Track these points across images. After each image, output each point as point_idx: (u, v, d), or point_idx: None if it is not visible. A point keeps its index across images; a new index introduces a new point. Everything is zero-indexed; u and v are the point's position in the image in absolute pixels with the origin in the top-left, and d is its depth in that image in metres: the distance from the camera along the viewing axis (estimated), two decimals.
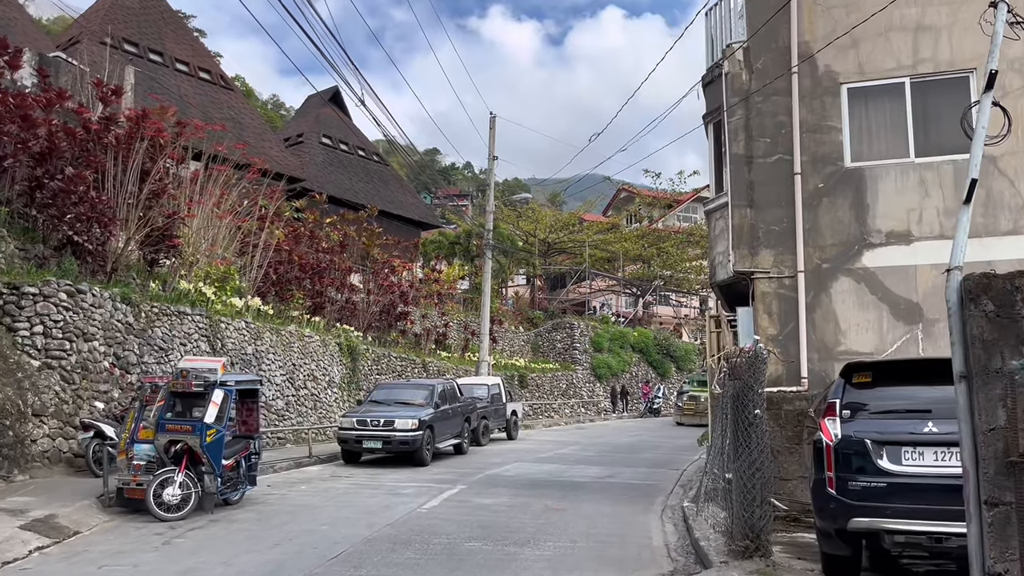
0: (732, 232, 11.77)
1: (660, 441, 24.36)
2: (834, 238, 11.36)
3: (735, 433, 8.15)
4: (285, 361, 19.46)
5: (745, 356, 8.13)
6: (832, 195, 11.46)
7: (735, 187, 11.86)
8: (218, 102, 29.75)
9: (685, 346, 47.95)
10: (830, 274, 11.33)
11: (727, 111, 12.04)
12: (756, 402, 7.75)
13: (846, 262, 11.27)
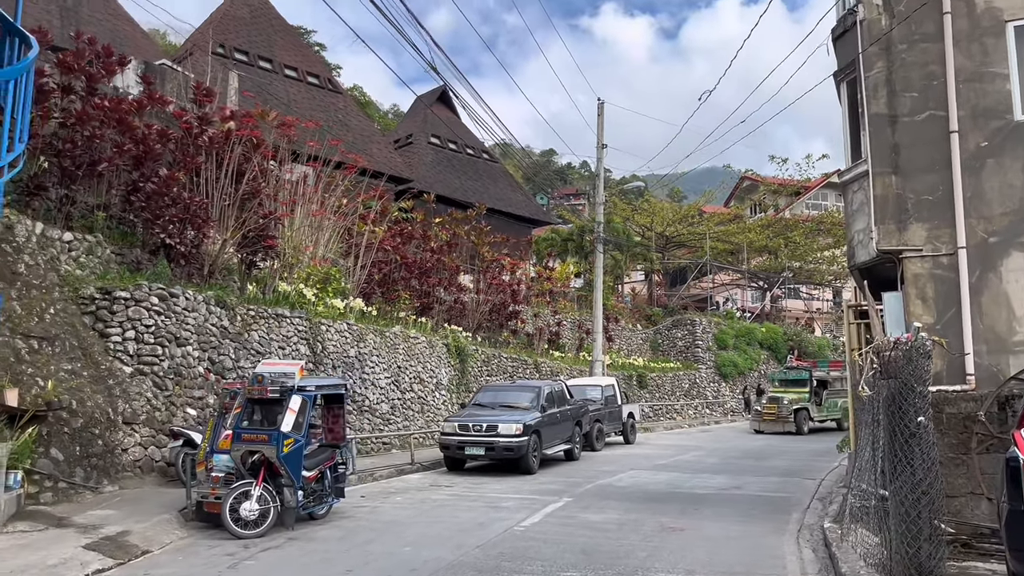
0: (874, 205, 10.05)
1: (790, 445, 22.33)
2: (1004, 206, 9.46)
3: (892, 445, 6.59)
4: (390, 363, 18.84)
5: (901, 349, 6.54)
6: (999, 155, 9.56)
7: (876, 152, 10.12)
8: (325, 105, 29.77)
9: (819, 342, 44.83)
10: (1000, 249, 9.43)
11: (863, 65, 10.31)
12: (919, 407, 6.20)
13: (1021, 234, 9.35)
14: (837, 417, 27.25)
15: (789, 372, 28.34)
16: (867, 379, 10.65)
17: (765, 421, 26.64)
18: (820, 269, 49.07)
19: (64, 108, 13.84)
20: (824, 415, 27.43)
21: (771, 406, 26.79)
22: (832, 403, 27.48)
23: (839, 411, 26.93)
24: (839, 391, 26.68)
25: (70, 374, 11.02)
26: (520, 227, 36.52)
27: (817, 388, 27.33)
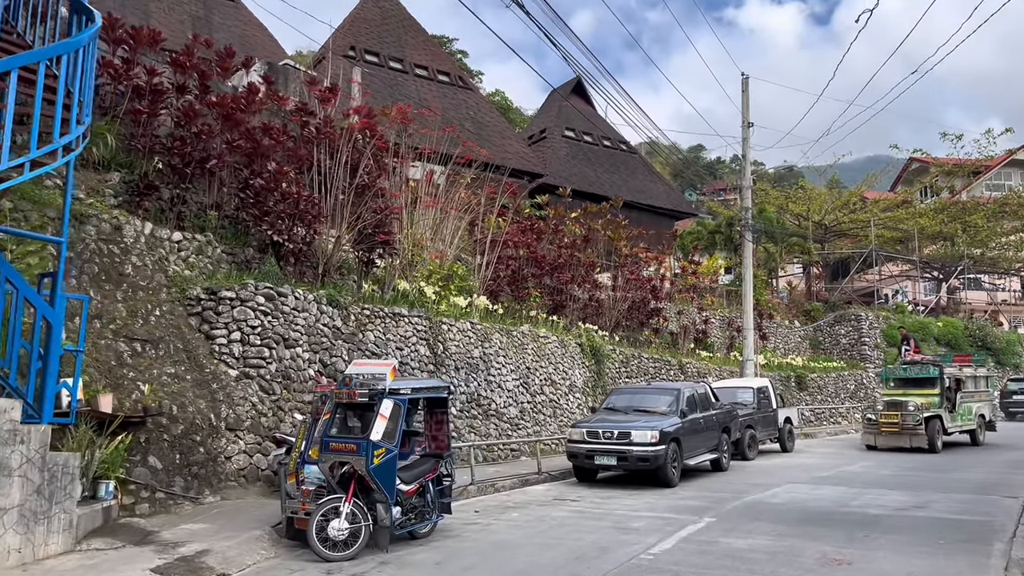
0: None
1: (978, 454, 19.33)
2: None
3: None
4: (518, 364, 17.72)
5: None
6: None
7: None
8: (457, 102, 29.21)
9: (1007, 336, 39.93)
10: None
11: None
12: None
13: None
14: (971, 428, 21.39)
15: (910, 369, 21.39)
16: None
17: (883, 434, 19.95)
18: (1006, 256, 43.81)
19: (178, 108, 13.66)
20: (957, 424, 20.63)
21: (891, 414, 19.83)
22: (966, 409, 21.20)
23: (974, 419, 21.44)
24: (973, 393, 21.76)
25: (172, 378, 10.56)
26: (662, 220, 34.60)
27: (949, 390, 20.60)
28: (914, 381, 20.66)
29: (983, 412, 21.90)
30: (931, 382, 20.36)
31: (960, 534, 9.47)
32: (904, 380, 21.07)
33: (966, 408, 21.05)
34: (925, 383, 20.44)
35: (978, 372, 22.60)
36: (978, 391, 22.04)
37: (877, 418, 20.20)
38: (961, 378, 21.03)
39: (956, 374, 21.02)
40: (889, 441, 19.73)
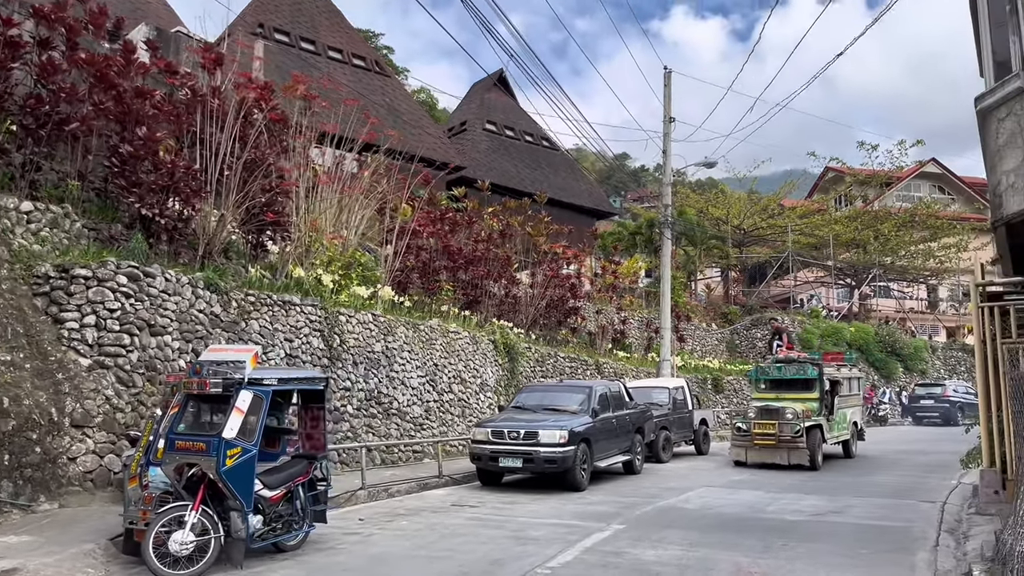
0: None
1: (895, 457, 19.14)
2: None
3: None
4: (424, 360, 16.60)
5: None
6: None
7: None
8: (372, 88, 27.90)
9: (915, 342, 40.79)
10: None
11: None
12: None
13: None
14: (846, 438, 18.38)
15: (785, 368, 17.42)
16: None
17: (756, 447, 16.24)
18: (914, 265, 44.88)
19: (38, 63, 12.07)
20: (834, 435, 17.45)
21: (766, 423, 16.05)
22: (842, 416, 17.98)
23: (848, 427, 18.42)
24: (847, 397, 18.70)
25: (7, 366, 9.08)
26: (583, 219, 33.98)
27: (828, 393, 17.13)
28: (789, 383, 17.12)
29: (856, 419, 19.20)
30: (808, 384, 16.90)
31: (881, 543, 8.82)
32: (778, 382, 17.37)
33: (841, 415, 17.97)
34: (802, 385, 16.99)
35: (852, 373, 19.80)
36: (851, 395, 19.19)
37: (749, 428, 16.33)
38: (838, 380, 17.84)
39: (833, 375, 17.72)
40: (763, 456, 16.12)
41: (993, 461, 11.08)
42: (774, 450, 15.98)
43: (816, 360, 17.74)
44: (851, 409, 18.88)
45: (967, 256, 43.08)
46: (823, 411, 16.72)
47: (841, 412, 17.87)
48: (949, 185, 53.42)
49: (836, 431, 17.49)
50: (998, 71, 8.17)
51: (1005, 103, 7.87)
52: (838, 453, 18.54)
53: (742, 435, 16.59)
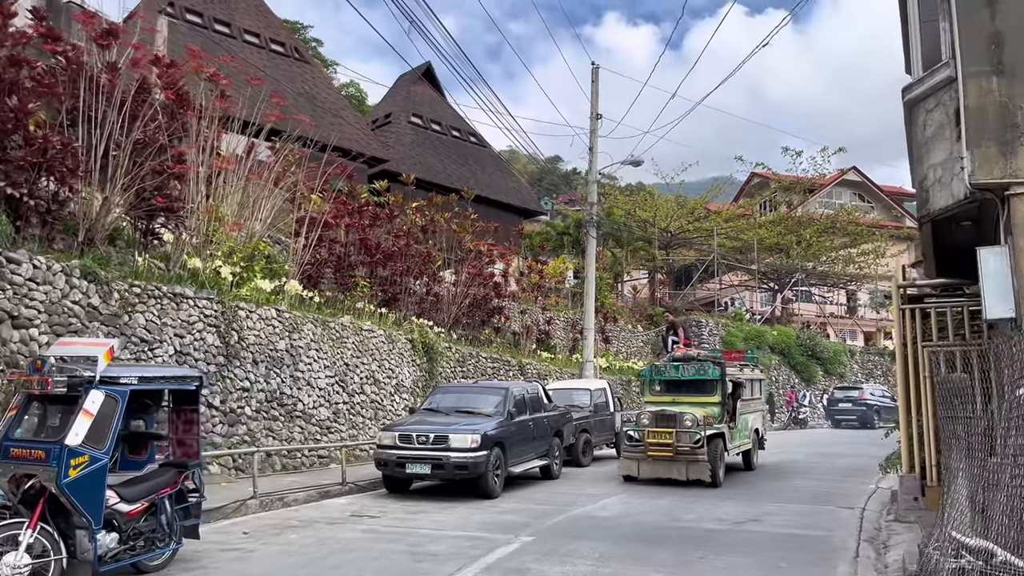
0: (966, 120, 6.87)
1: (813, 460, 19.04)
2: None
3: None
4: (334, 360, 15.69)
5: None
6: None
7: (968, 45, 6.95)
8: (291, 75, 26.73)
9: (834, 346, 41.51)
10: None
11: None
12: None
13: None
14: (748, 447, 16.21)
15: (684, 367, 15.12)
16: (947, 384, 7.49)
17: (650, 459, 13.78)
18: (835, 270, 45.77)
19: None
20: (736, 444, 15.17)
21: (663, 431, 13.60)
22: (744, 422, 15.86)
23: (749, 435, 16.36)
24: (750, 401, 16.61)
25: None
26: (510, 217, 33.39)
27: (730, 397, 14.95)
28: (687, 385, 14.90)
29: (757, 426, 17.13)
30: (709, 386, 14.69)
31: (801, 553, 8.37)
32: (675, 383, 15.08)
33: (744, 421, 15.81)
34: (701, 387, 14.75)
35: (754, 374, 17.66)
36: (753, 399, 17.15)
37: (642, 436, 13.82)
38: (740, 382, 15.66)
39: (736, 376, 15.62)
40: (657, 470, 13.72)
41: (912, 466, 10.84)
42: (670, 463, 13.56)
43: (718, 359, 15.37)
44: (753, 415, 16.77)
45: (885, 262, 44.19)
46: (725, 417, 14.50)
47: (743, 418, 15.71)
48: (869, 193, 54.78)
49: (738, 440, 15.34)
50: (926, 60, 7.81)
51: (934, 93, 7.51)
52: (738, 465, 16.23)
53: (633, 445, 13.98)
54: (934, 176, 7.48)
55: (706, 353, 16.17)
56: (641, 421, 14.04)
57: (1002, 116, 6.74)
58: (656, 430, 13.67)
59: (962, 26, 6.99)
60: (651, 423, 13.75)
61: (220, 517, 9.66)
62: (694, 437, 13.37)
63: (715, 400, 14.46)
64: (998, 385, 7.73)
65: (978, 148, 6.78)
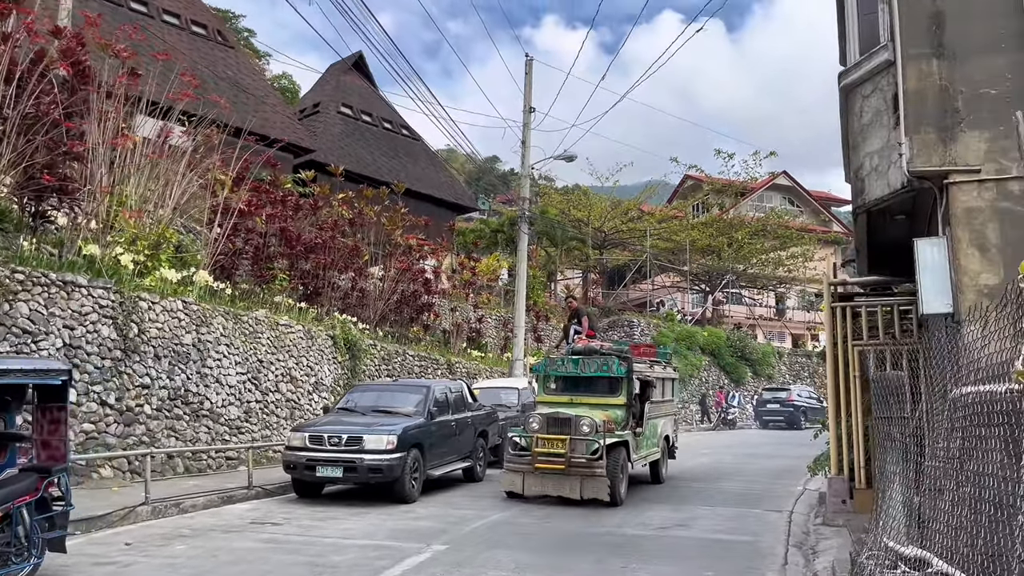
0: (905, 105, 6.53)
1: (742, 463, 18.90)
2: None
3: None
4: (247, 356, 14.78)
5: None
6: None
7: (908, 28, 6.62)
8: (212, 59, 25.49)
9: (763, 348, 42.01)
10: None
11: None
12: None
13: None
14: (656, 458, 13.81)
15: (584, 362, 12.76)
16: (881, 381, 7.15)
17: (538, 472, 11.39)
18: (765, 272, 46.40)
19: None
20: (642, 454, 12.89)
21: (554, 438, 11.31)
22: (652, 428, 13.57)
23: (658, 443, 14.00)
24: (660, 403, 14.31)
25: None
26: (443, 212, 32.66)
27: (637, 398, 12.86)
28: (587, 383, 12.66)
29: (668, 432, 14.76)
30: (613, 385, 12.43)
31: (728, 561, 7.96)
32: (573, 381, 12.74)
33: (652, 427, 13.49)
34: (603, 386, 12.51)
35: (666, 372, 15.22)
36: (664, 401, 14.80)
37: (529, 444, 11.36)
38: (650, 380, 13.49)
39: (645, 374, 13.35)
40: (546, 486, 11.25)
41: (841, 468, 10.60)
42: (562, 478, 11.09)
43: (624, 353, 13.03)
44: (663, 419, 14.44)
45: (813, 266, 45.01)
46: (630, 422, 12.25)
47: (652, 423, 13.41)
48: (798, 198, 55.81)
49: (645, 449, 13.02)
50: (863, 43, 7.47)
51: (871, 78, 7.17)
52: (644, 477, 13.98)
53: (519, 455, 11.47)
54: (870, 165, 7.13)
55: (611, 346, 13.95)
56: (530, 425, 11.58)
57: (942, 100, 6.41)
58: (547, 437, 11.26)
59: (902, 6, 6.65)
60: (541, 428, 11.41)
61: (104, 526, 8.78)
62: (591, 446, 11.05)
63: (619, 401, 12.19)
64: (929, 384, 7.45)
65: (917, 134, 6.44)
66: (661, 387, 14.42)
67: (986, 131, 6.25)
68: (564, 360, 13.03)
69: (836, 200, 61.25)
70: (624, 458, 11.60)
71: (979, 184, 6.21)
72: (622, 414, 12.14)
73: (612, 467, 11.07)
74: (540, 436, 11.33)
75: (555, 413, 11.67)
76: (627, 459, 11.79)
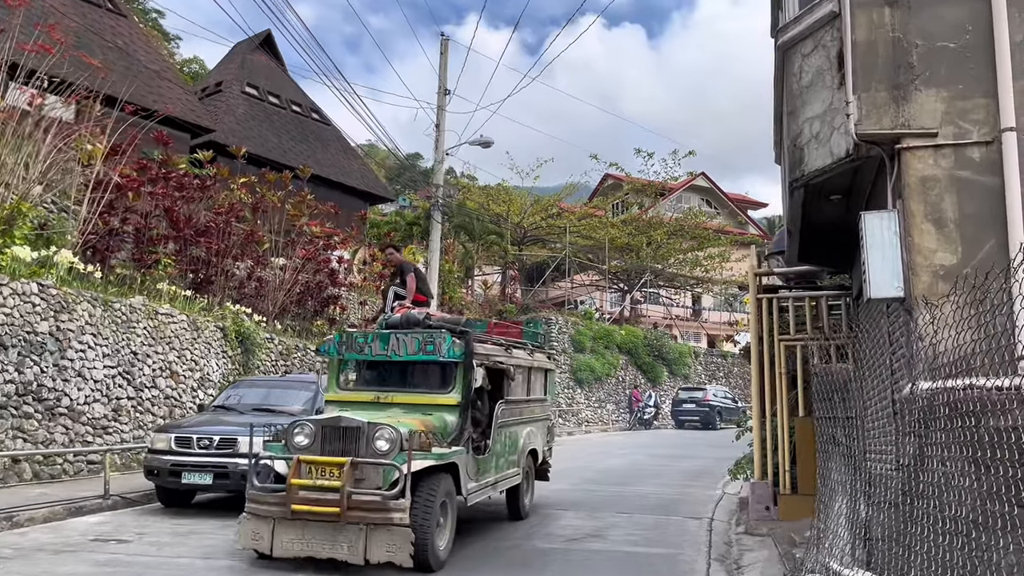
0: (853, 60, 5.69)
1: (660, 464, 18.19)
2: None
3: None
4: (117, 347, 13.18)
5: None
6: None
7: None
8: (101, 27, 23.39)
9: (679, 347, 41.91)
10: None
11: None
12: None
13: None
14: (515, 482, 9.63)
15: (399, 342, 8.51)
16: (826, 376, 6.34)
17: (298, 518, 6.80)
18: (682, 272, 46.43)
19: None
20: (487, 479, 8.67)
21: (328, 461, 6.92)
22: (510, 441, 9.52)
23: (520, 461, 9.79)
24: (523, 405, 10.17)
25: None
26: (355, 201, 31.14)
27: (480, 395, 8.75)
28: (405, 372, 8.89)
29: (535, 445, 10.49)
30: (445, 375, 8.57)
31: None
32: (383, 369, 8.98)
33: (508, 438, 9.40)
34: (428, 377, 8.76)
35: (537, 360, 10.84)
36: (532, 400, 10.54)
37: (287, 472, 7.06)
38: (505, 368, 9.22)
39: (498, 360, 9.05)
40: (310, 542, 6.86)
41: (765, 472, 9.86)
42: (333, 531, 6.78)
43: (461, 327, 8.78)
44: (528, 427, 10.19)
45: (729, 266, 45.29)
46: (467, 431, 8.12)
47: (508, 433, 9.32)
48: (716, 200, 56.31)
49: (495, 471, 8.87)
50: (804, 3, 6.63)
51: (812, 34, 6.33)
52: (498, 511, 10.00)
53: (267, 491, 7.17)
54: (810, 132, 6.29)
55: (444, 318, 9.53)
56: (293, 440, 7.19)
57: (895, 55, 5.60)
58: (316, 460, 6.94)
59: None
60: (310, 444, 7.11)
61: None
62: (389, 475, 6.88)
63: (451, 401, 8.19)
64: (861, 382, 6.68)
65: (866, 92, 5.61)
66: (526, 380, 10.19)
67: (943, 90, 5.46)
68: (368, 337, 8.64)
69: (753, 203, 62.24)
70: (447, 492, 7.35)
71: (935, 150, 5.41)
72: (453, 420, 8.01)
73: (422, 510, 6.81)
74: (306, 459, 6.91)
75: (334, 420, 7.20)
76: (456, 492, 7.65)
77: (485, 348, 8.82)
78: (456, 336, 8.40)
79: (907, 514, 4.79)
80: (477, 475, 8.27)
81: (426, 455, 7.10)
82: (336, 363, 8.93)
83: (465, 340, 8.31)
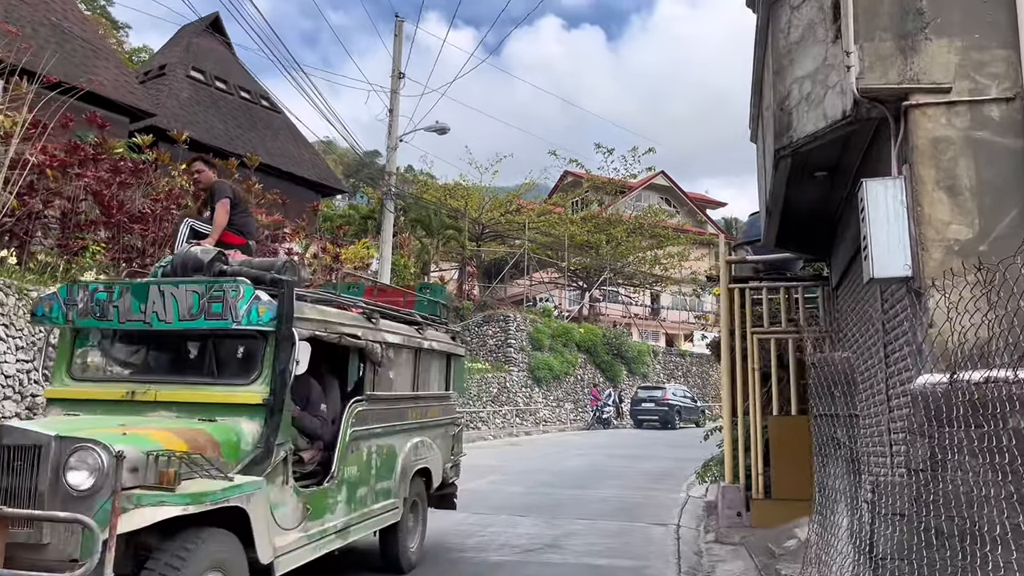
0: (855, 5, 4.97)
1: (620, 466, 17.48)
2: None
3: None
4: (33, 339, 12.02)
5: None
6: None
7: None
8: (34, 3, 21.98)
9: (638, 346, 41.49)
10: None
11: None
12: None
13: None
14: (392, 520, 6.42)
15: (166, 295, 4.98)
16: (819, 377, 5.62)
17: None
18: (641, 271, 46.07)
19: None
20: (334, 520, 5.44)
21: None
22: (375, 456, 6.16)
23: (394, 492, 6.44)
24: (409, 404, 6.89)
25: None
26: (304, 192, 29.95)
27: (307, 391, 5.68)
28: (176, 348, 5.49)
29: (426, 462, 7.20)
30: (239, 355, 5.20)
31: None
32: (143, 342, 5.51)
33: (376, 454, 6.23)
34: (215, 357, 5.18)
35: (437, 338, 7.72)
36: (421, 397, 7.27)
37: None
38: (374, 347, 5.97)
39: (346, 329, 5.72)
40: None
41: (736, 475, 9.17)
42: None
43: (276, 276, 5.29)
44: (416, 437, 7.04)
45: (688, 265, 45.05)
46: (278, 448, 4.92)
47: (374, 448, 6.21)
48: (675, 199, 56.16)
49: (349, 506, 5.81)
50: None
51: None
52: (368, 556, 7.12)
53: None
54: (799, 93, 5.57)
55: (251, 262, 6.00)
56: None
57: (900, 3, 4.88)
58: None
59: None
60: None
61: None
62: (87, 539, 3.75)
63: (251, 397, 5.00)
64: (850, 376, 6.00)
65: (869, 42, 4.89)
66: (412, 368, 7.06)
67: (957, 39, 4.77)
68: (115, 291, 5.27)
69: (712, 202, 62.26)
70: (218, 563, 4.23)
71: (948, 107, 4.71)
72: (254, 428, 4.94)
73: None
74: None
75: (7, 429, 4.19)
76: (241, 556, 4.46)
77: (323, 312, 5.60)
78: (264, 290, 5.09)
79: (918, 526, 4.09)
80: (302, 520, 5.10)
81: (162, 497, 3.88)
82: (69, 336, 5.47)
83: (280, 296, 5.01)
